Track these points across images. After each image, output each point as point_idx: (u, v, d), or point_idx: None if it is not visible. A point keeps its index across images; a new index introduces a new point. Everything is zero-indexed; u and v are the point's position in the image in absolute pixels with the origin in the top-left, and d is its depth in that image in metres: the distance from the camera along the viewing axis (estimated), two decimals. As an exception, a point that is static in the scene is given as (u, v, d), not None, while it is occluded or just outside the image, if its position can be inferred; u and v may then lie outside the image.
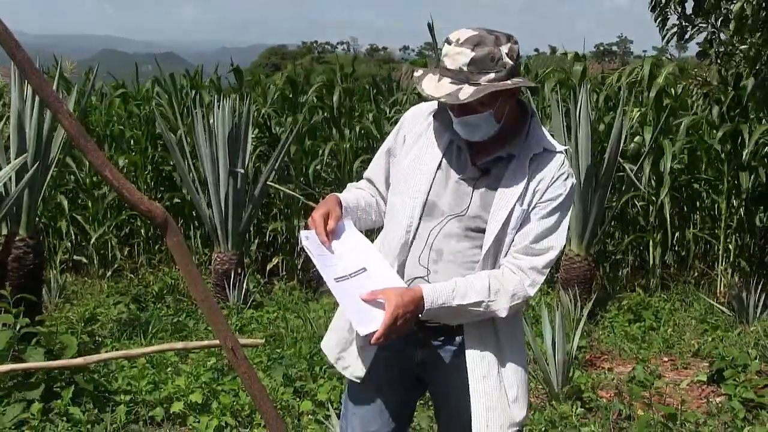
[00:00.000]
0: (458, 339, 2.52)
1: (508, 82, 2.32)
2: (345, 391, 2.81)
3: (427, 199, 2.48)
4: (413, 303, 2.32)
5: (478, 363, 2.48)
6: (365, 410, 2.67)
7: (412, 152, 2.56)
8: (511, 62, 2.33)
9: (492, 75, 2.30)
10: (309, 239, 2.47)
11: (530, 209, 2.43)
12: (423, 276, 2.46)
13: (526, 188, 2.42)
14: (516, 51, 2.35)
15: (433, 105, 2.59)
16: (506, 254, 2.44)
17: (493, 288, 2.38)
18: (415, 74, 2.46)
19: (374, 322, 2.30)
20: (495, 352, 2.49)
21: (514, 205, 2.41)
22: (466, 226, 2.44)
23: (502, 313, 2.41)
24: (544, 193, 2.43)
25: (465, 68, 2.29)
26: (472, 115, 2.37)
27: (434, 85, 2.34)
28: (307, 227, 2.52)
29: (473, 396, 2.47)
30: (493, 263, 2.45)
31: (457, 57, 2.31)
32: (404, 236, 2.48)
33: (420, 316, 2.37)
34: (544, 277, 2.46)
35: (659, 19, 6.03)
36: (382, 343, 2.32)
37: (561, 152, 2.49)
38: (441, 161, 2.50)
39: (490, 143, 2.45)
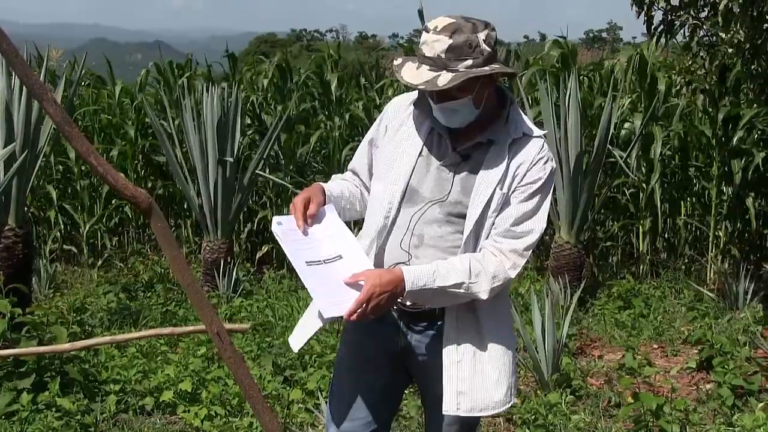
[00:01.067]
0: (439, 323, 2.55)
1: (486, 68, 2.35)
2: (332, 379, 2.81)
3: (407, 186, 2.51)
4: (392, 284, 2.35)
5: (454, 347, 2.52)
6: (351, 397, 2.69)
7: (393, 141, 2.59)
8: (488, 49, 2.37)
9: (470, 61, 2.34)
10: (281, 224, 2.48)
11: (510, 193, 2.46)
12: (404, 261, 2.49)
13: (505, 172, 2.46)
14: (493, 38, 2.39)
15: (414, 94, 2.62)
16: (487, 237, 2.47)
17: (474, 270, 2.41)
18: (395, 63, 2.50)
19: (344, 305, 2.32)
20: (474, 337, 2.53)
21: (495, 189, 2.45)
22: (447, 211, 2.48)
23: (483, 296, 2.44)
24: (523, 177, 2.47)
25: (443, 55, 2.33)
26: (451, 101, 2.41)
27: (413, 73, 2.38)
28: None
29: (445, 378, 2.52)
30: (474, 247, 2.48)
31: (434, 44, 2.34)
32: (383, 221, 2.52)
33: (400, 299, 2.40)
34: (525, 260, 2.50)
35: (645, 18, 6.04)
36: (355, 320, 2.33)
37: (540, 137, 2.53)
38: (422, 148, 2.54)
39: (470, 129, 2.49)
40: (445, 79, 2.32)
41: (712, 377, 5.13)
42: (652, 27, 6.06)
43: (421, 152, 2.53)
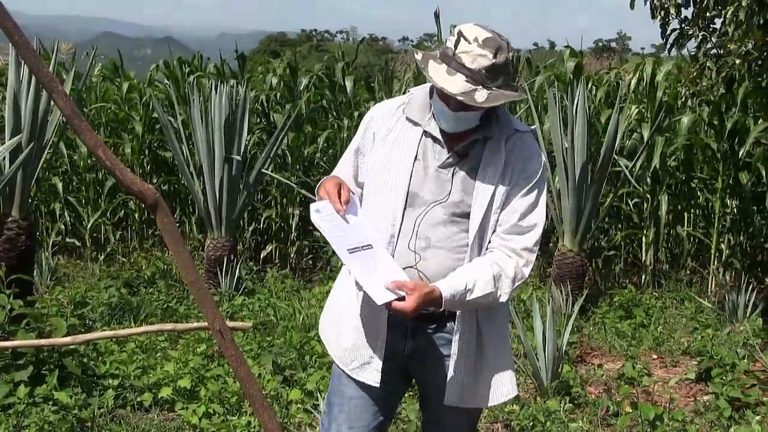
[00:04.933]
0: (449, 325, 2.59)
1: (516, 93, 2.45)
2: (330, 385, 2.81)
3: (408, 191, 2.53)
4: (431, 303, 2.40)
5: (463, 344, 2.57)
6: (352, 405, 2.69)
7: (384, 147, 2.61)
8: (512, 69, 2.47)
9: (501, 81, 2.41)
10: (320, 211, 2.50)
11: (510, 188, 2.52)
12: (413, 263, 2.52)
13: (505, 168, 2.52)
14: (514, 57, 2.51)
15: (399, 100, 2.67)
16: (492, 234, 2.53)
17: (497, 276, 2.46)
18: (417, 57, 2.53)
19: (388, 294, 2.37)
20: (479, 333, 2.59)
21: (496, 185, 2.50)
22: (451, 211, 2.52)
23: (504, 298, 2.51)
24: (521, 171, 2.53)
25: (484, 71, 2.38)
26: (469, 111, 2.46)
27: (447, 79, 2.41)
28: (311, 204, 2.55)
29: (451, 372, 2.57)
30: (479, 245, 2.52)
31: (479, 59, 2.39)
32: (390, 229, 2.54)
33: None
34: (535, 256, 2.56)
35: (661, 24, 6.03)
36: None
37: (531, 131, 2.62)
38: (417, 152, 2.56)
39: (464, 130, 2.54)
40: (482, 96, 2.38)
41: (710, 389, 5.13)
42: (666, 34, 6.05)
43: (416, 156, 2.55)
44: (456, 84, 2.38)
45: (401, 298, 2.37)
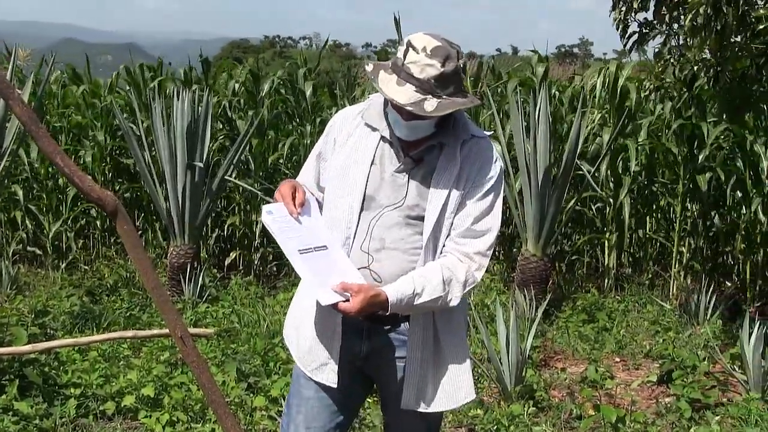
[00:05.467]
0: (403, 326, 2.61)
1: (467, 101, 2.46)
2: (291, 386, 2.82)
3: (364, 195, 2.56)
4: (377, 306, 2.43)
5: (418, 346, 2.59)
6: (310, 405, 2.70)
7: (343, 151, 2.64)
8: (464, 77, 2.50)
9: (451, 89, 2.44)
10: (272, 213, 2.53)
11: (465, 193, 2.54)
12: (366, 263, 2.55)
13: (460, 173, 2.54)
14: (465, 64, 2.50)
15: (361, 106, 2.70)
16: (446, 237, 2.55)
17: (447, 280, 2.48)
18: (367, 68, 2.56)
19: (334, 295, 2.40)
20: (436, 336, 2.61)
21: (450, 189, 2.53)
22: (406, 214, 2.55)
23: (455, 302, 2.53)
24: (476, 176, 2.56)
25: (432, 81, 2.40)
26: (422, 120, 2.48)
27: (396, 89, 2.43)
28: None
29: (407, 376, 2.60)
30: (434, 248, 2.55)
31: (427, 68, 2.40)
32: (346, 231, 2.57)
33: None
34: (488, 260, 2.59)
35: (620, 27, 6.10)
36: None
37: (487, 137, 2.64)
38: (374, 156, 2.59)
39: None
40: (431, 105, 2.40)
41: (671, 390, 5.20)
42: (626, 36, 6.12)
43: (373, 161, 2.58)
44: (405, 94, 2.40)
45: (348, 300, 2.39)
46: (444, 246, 2.56)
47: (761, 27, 4.90)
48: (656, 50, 6.38)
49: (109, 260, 8.98)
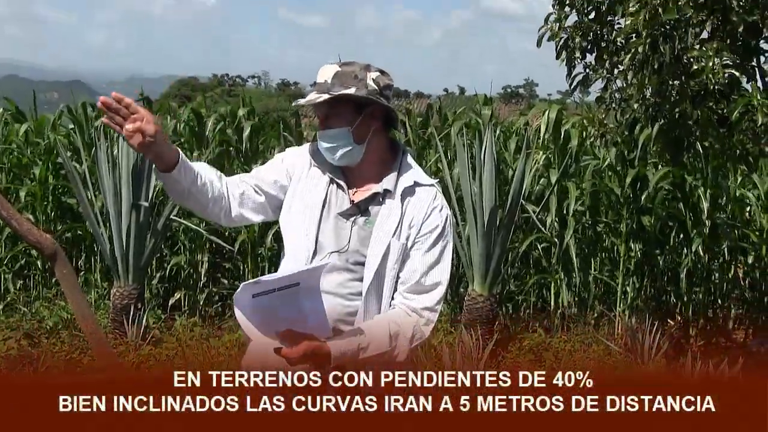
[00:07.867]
0: None
1: (360, 94, 2.46)
2: None
3: (317, 239, 2.54)
4: (320, 358, 2.32)
5: None
6: None
7: (297, 192, 2.62)
8: (375, 87, 2.48)
9: (351, 90, 2.45)
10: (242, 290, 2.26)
11: (410, 244, 2.52)
12: None
13: (400, 222, 2.51)
14: (385, 82, 2.51)
15: (312, 146, 2.68)
16: (392, 288, 2.51)
17: (394, 335, 2.44)
18: (300, 101, 2.59)
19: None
20: None
21: (390, 240, 2.49)
22: (347, 258, 2.52)
23: (402, 357, 2.47)
24: (420, 226, 2.52)
25: (329, 80, 2.46)
26: (330, 129, 2.50)
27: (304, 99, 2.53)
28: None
29: None
30: (377, 296, 2.51)
31: (323, 72, 2.49)
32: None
33: None
34: (437, 315, 2.57)
35: (567, 66, 6.21)
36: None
37: (432, 185, 2.60)
38: (324, 198, 2.57)
39: (365, 179, 2.57)
40: (322, 98, 2.46)
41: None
42: (571, 76, 6.23)
43: (324, 203, 2.57)
44: (306, 98, 2.49)
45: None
46: (392, 298, 2.53)
47: (695, 68, 5.01)
48: (598, 95, 6.51)
49: (50, 302, 8.77)
